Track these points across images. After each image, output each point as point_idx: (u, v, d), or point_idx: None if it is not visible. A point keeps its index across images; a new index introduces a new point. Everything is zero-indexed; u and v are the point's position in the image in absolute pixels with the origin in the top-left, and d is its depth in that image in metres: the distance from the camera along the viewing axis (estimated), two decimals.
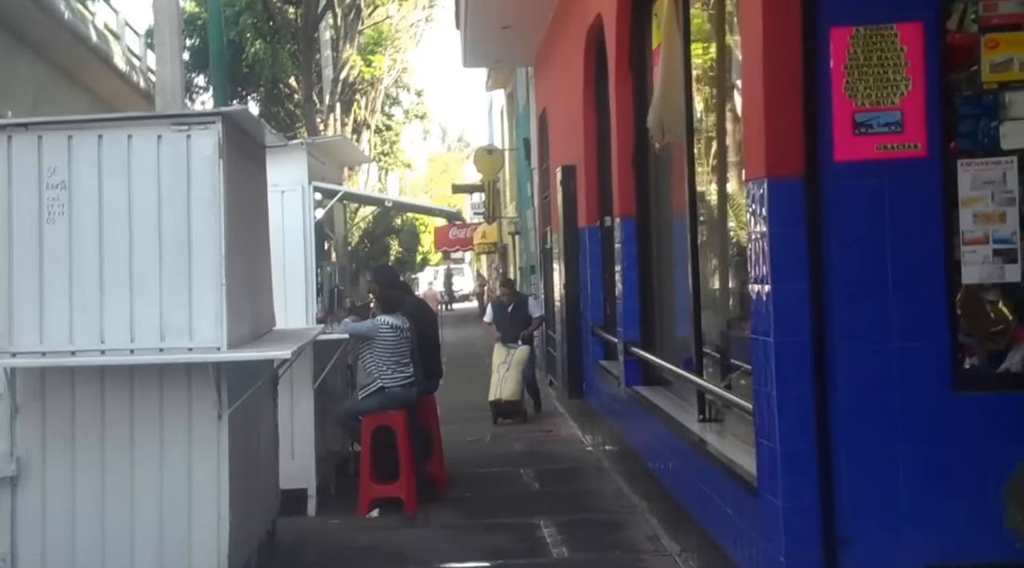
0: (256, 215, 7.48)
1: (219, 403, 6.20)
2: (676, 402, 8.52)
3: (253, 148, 7.36)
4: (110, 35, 20.39)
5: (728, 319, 7.63)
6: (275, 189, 9.19)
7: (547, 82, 16.59)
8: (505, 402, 14.31)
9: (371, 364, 9.34)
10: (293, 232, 9.41)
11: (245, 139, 6.99)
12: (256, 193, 7.49)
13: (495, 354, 14.70)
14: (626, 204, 9.92)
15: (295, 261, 9.40)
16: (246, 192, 7.00)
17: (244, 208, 6.92)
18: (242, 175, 6.83)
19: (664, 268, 9.54)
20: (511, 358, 14.45)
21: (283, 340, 7.24)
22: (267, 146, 7.87)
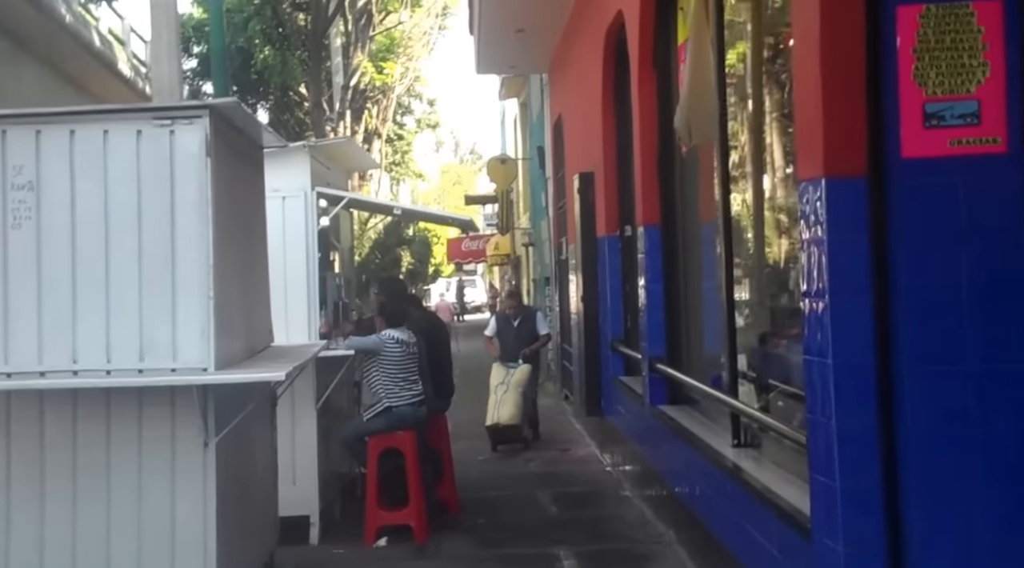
0: (252, 222, 6.86)
1: (205, 430, 5.57)
2: (705, 424, 7.95)
3: (249, 148, 6.75)
4: (115, 41, 19.83)
5: (761, 334, 7.02)
6: (275, 195, 8.60)
7: (563, 87, 15.99)
8: (503, 427, 12.97)
9: (377, 382, 8.71)
10: (295, 241, 8.79)
11: (239, 138, 6.38)
12: (252, 198, 6.88)
13: (493, 374, 13.43)
14: (650, 212, 9.29)
15: (297, 272, 8.79)
16: (240, 196, 6.39)
17: (237, 213, 6.30)
18: (235, 177, 6.22)
19: (691, 279, 8.93)
20: (510, 379, 13.22)
21: (280, 358, 6.62)
22: (265, 148, 7.25)
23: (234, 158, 6.19)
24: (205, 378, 5.50)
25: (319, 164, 9.27)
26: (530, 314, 14.02)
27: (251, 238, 6.79)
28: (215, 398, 5.63)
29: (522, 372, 13.24)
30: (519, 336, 13.46)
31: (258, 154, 7.04)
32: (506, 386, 13.06)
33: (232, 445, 5.89)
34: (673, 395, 8.93)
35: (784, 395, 6.66)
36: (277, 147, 7.24)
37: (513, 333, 13.50)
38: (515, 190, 26.32)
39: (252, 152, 6.84)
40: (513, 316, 13.66)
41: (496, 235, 31.05)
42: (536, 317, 13.99)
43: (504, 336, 13.56)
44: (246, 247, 6.58)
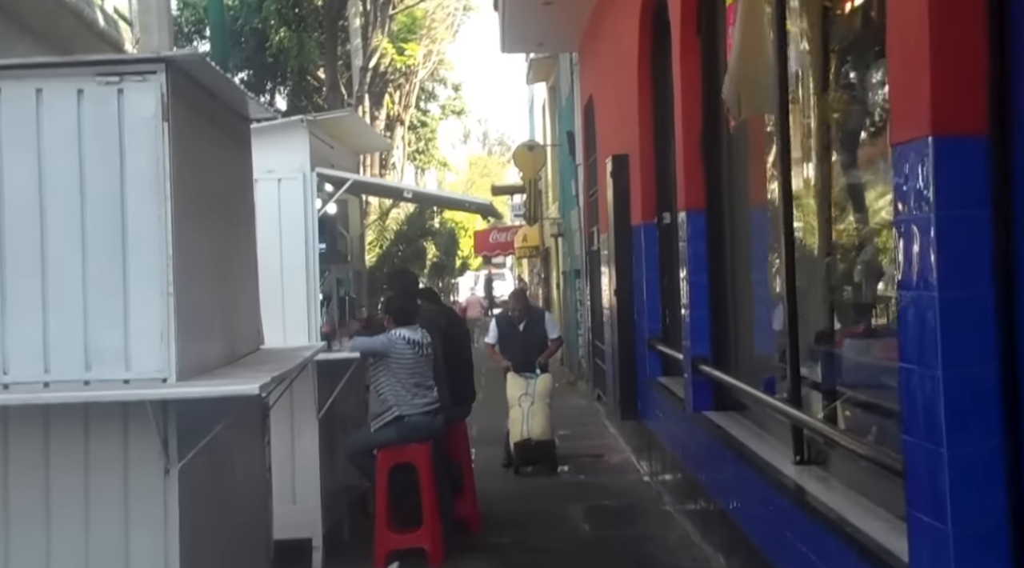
0: (233, 204, 5.91)
1: (165, 453, 4.61)
2: (757, 433, 7.05)
3: (227, 118, 5.78)
4: (120, 20, 18.88)
5: (824, 332, 6.06)
6: (270, 176, 7.68)
7: (594, 65, 15.01)
8: (536, 443, 11.18)
9: (386, 388, 7.74)
10: (292, 229, 7.82)
11: (212, 104, 5.41)
12: (234, 176, 5.94)
13: (509, 385, 11.48)
14: (693, 195, 8.31)
15: (295, 264, 7.82)
16: (215, 173, 5.44)
17: (211, 193, 5.35)
18: (208, 149, 5.27)
19: (739, 270, 7.99)
20: (533, 389, 11.34)
21: (267, 364, 5.66)
22: (253, 120, 6.29)
23: (205, 126, 5.23)
24: (163, 391, 4.55)
25: (320, 142, 8.30)
26: (537, 316, 12.22)
27: (232, 223, 5.84)
28: (178, 415, 4.66)
29: (545, 382, 11.51)
30: (527, 342, 11.68)
31: (242, 127, 6.07)
32: (531, 397, 11.28)
33: (203, 468, 4.93)
34: (719, 400, 8.03)
35: (854, 404, 5.75)
36: (266, 119, 6.25)
37: (519, 339, 11.69)
38: (543, 179, 25.38)
39: (233, 123, 5.87)
40: (518, 319, 11.79)
41: (524, 226, 30.11)
42: (545, 319, 12.27)
43: (510, 343, 11.74)
44: (225, 234, 5.63)
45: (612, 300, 12.10)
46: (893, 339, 4.05)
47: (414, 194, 8.79)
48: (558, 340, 12.37)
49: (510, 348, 11.68)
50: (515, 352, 11.62)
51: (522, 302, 12.30)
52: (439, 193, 11.53)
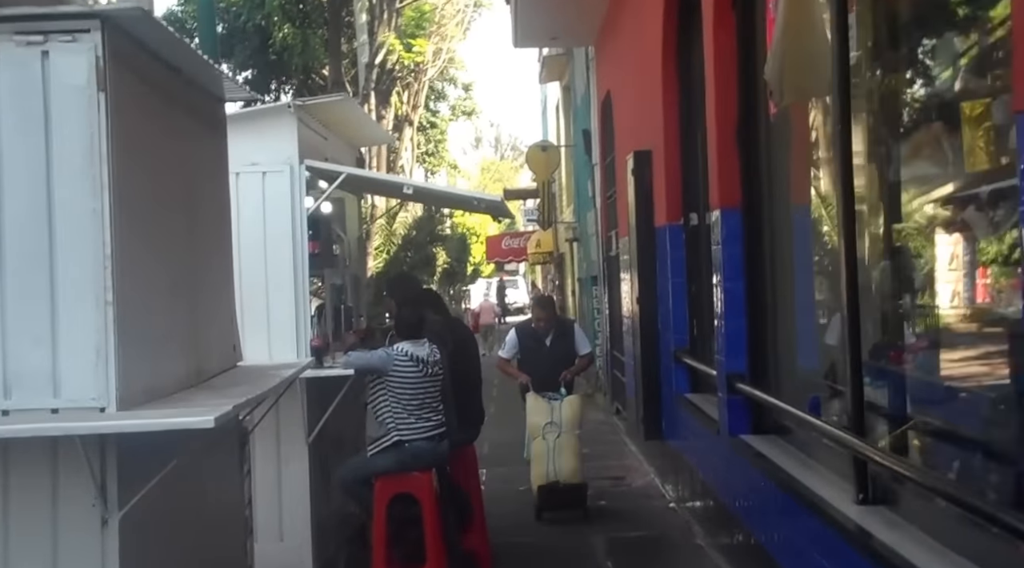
0: (202, 199, 5.05)
1: (102, 500, 3.73)
2: (801, 461, 6.21)
3: (195, 98, 4.93)
4: None
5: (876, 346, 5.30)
6: (253, 169, 6.85)
7: (612, 58, 14.17)
8: (565, 487, 9.29)
9: (385, 409, 6.86)
10: (278, 229, 6.97)
11: (172, 79, 4.55)
12: (203, 167, 5.08)
13: (530, 409, 9.51)
14: (728, 192, 7.45)
15: (281, 269, 6.96)
16: (177, 161, 4.59)
17: (172, 184, 4.51)
18: (165, 132, 4.41)
19: (780, 276, 7.13)
20: (560, 416, 9.35)
21: (239, 385, 4.80)
22: (229, 100, 5.43)
23: (161, 104, 4.37)
24: (98, 425, 3.68)
25: (311, 132, 7.45)
26: (566, 328, 10.26)
27: (200, 221, 4.98)
28: (119, 452, 3.79)
29: (572, 406, 9.48)
30: (554, 359, 9.78)
31: (214, 109, 5.21)
32: (557, 427, 9.30)
33: (154, 515, 4.06)
34: (758, 422, 7.16)
35: (924, 432, 4.95)
36: (245, 99, 5.41)
37: (545, 355, 9.81)
38: (557, 181, 24.59)
39: (202, 104, 5.01)
40: (543, 332, 9.92)
41: (537, 231, 29.30)
42: (575, 332, 10.29)
43: (533, 359, 9.88)
44: (189, 233, 4.77)
45: (633, 308, 11.22)
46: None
47: (415, 190, 7.87)
48: (588, 357, 10.40)
49: (532, 366, 9.83)
50: (540, 369, 9.74)
51: (549, 311, 10.29)
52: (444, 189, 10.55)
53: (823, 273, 6.44)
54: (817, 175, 6.51)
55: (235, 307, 5.58)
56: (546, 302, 10.81)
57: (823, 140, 6.38)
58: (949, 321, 4.69)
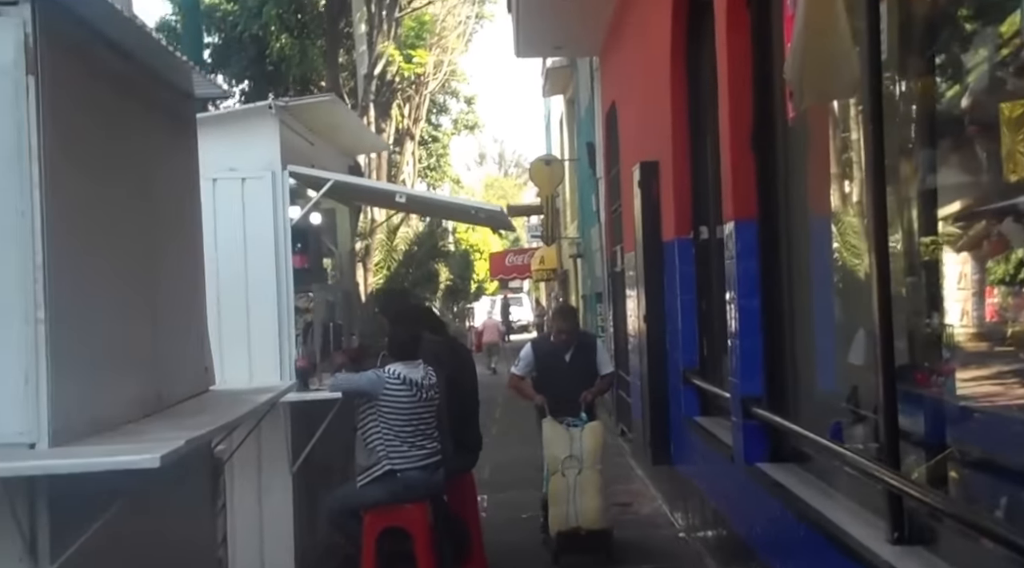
0: (166, 205, 4.57)
1: (31, 554, 3.23)
2: (824, 492, 5.73)
3: (157, 92, 4.44)
4: None
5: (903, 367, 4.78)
6: (232, 176, 6.36)
7: (618, 67, 13.75)
8: (587, 533, 8.21)
9: (375, 436, 6.37)
10: (259, 240, 6.50)
11: (126, 68, 4.06)
12: (168, 169, 4.59)
13: (547, 439, 8.42)
14: (743, 202, 6.96)
15: (263, 284, 6.47)
16: (133, 161, 4.09)
17: (126, 187, 4.01)
18: (117, 127, 3.92)
19: (799, 292, 6.63)
20: (581, 447, 8.24)
21: (206, 413, 4.31)
22: (200, 97, 4.97)
23: (111, 95, 3.88)
24: (26, 465, 3.17)
25: (297, 136, 6.97)
26: (587, 343, 9.21)
27: (163, 230, 4.50)
28: (51, 496, 3.29)
29: (595, 435, 8.39)
30: (574, 377, 8.74)
31: (181, 106, 4.74)
32: (578, 461, 8.18)
33: (98, 566, 3.54)
34: (775, 449, 6.65)
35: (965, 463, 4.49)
36: (216, 96, 4.94)
37: (565, 372, 8.76)
38: (561, 197, 24.14)
39: (164, 97, 4.54)
40: (563, 346, 8.85)
41: (541, 248, 28.83)
42: (597, 348, 9.21)
43: (551, 377, 8.80)
44: (149, 242, 4.28)
45: (640, 327, 10.73)
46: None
47: (409, 199, 7.36)
48: (610, 377, 9.40)
49: (551, 383, 8.78)
50: (559, 389, 8.67)
51: (572, 323, 9.22)
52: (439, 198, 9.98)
53: (846, 289, 5.97)
54: (840, 184, 6.05)
55: (207, 325, 5.08)
56: (568, 313, 9.68)
57: (847, 146, 5.93)
58: (988, 340, 4.29)
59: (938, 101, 4.74)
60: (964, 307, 4.45)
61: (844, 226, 5.92)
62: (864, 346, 4.93)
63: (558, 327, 9.05)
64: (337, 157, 8.31)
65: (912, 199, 4.89)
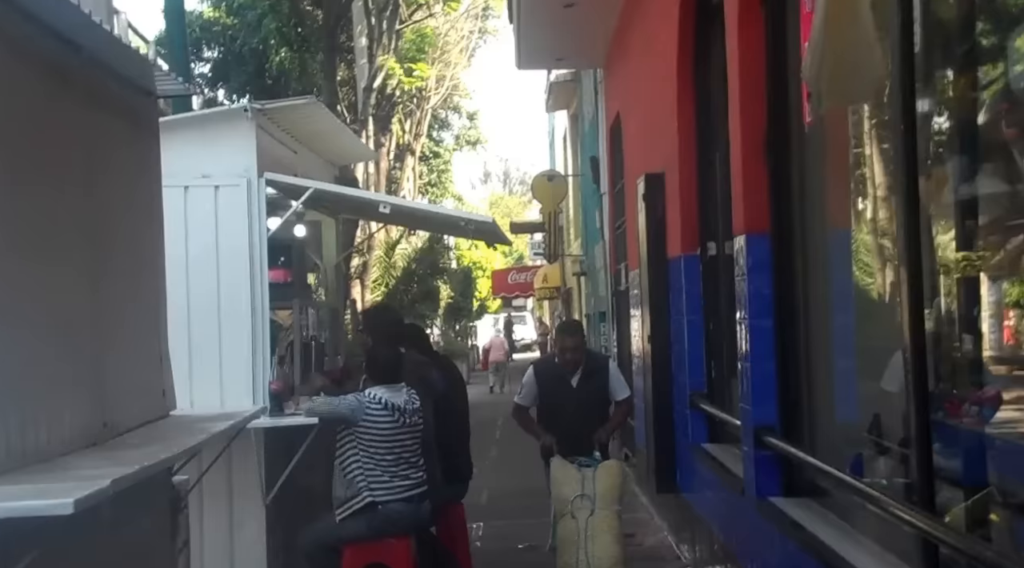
0: (114, 212, 4.08)
1: None
2: (845, 531, 5.28)
3: (108, 86, 3.98)
4: None
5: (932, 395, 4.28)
6: (204, 183, 5.91)
7: (622, 77, 13.32)
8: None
9: (355, 466, 5.89)
10: (233, 252, 6.04)
11: (65, 56, 3.58)
12: (119, 173, 4.10)
13: (555, 477, 7.29)
14: (755, 215, 6.47)
15: (236, 299, 6.03)
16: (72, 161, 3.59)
17: (60, 189, 3.51)
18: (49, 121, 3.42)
19: (816, 312, 6.13)
20: (593, 487, 7.13)
21: (156, 442, 3.82)
22: (162, 96, 4.49)
23: (44, 85, 3.40)
24: None
25: (277, 143, 6.54)
26: (598, 365, 8.07)
27: (110, 241, 4.00)
28: None
29: (610, 475, 7.31)
30: (583, 405, 7.67)
31: (139, 102, 4.27)
32: (590, 502, 7.08)
33: None
34: (790, 482, 6.16)
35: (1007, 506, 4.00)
36: (179, 95, 4.47)
37: (572, 400, 7.66)
38: (565, 213, 23.69)
39: (118, 93, 4.06)
40: (570, 369, 7.76)
41: (544, 266, 28.41)
42: (609, 370, 8.13)
43: (556, 406, 7.72)
44: (92, 255, 3.78)
45: (644, 348, 10.24)
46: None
47: (393, 209, 6.88)
48: (627, 404, 8.16)
49: (556, 414, 7.69)
50: (566, 421, 7.59)
51: (578, 341, 7.95)
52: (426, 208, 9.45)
53: (868, 308, 5.49)
54: (862, 194, 5.58)
55: (166, 345, 4.60)
56: (574, 329, 8.36)
57: (870, 153, 5.48)
58: None
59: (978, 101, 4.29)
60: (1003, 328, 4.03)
61: (866, 241, 5.48)
62: (901, 371, 4.43)
63: (562, 346, 7.89)
64: (323, 167, 7.85)
65: (945, 210, 4.44)
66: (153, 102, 4.53)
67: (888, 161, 5.13)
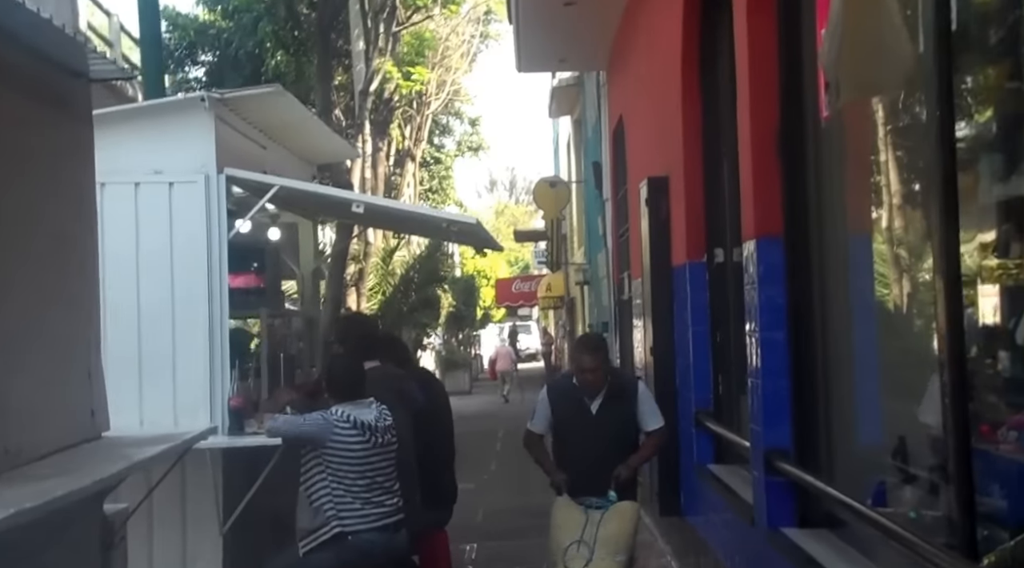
0: (27, 209, 3.53)
1: None
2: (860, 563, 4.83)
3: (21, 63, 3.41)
4: (100, 41, 16.84)
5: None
6: (157, 180, 5.37)
7: (625, 77, 12.88)
8: None
9: (322, 492, 5.32)
10: (189, 255, 5.49)
11: None
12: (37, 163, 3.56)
13: (555, 523, 6.16)
14: (767, 217, 5.92)
15: (192, 307, 5.47)
16: None
17: None
18: None
19: (834, 324, 5.60)
20: (596, 533, 5.97)
21: (72, 472, 3.26)
22: (93, 79, 3.95)
23: None
24: None
25: (240, 137, 6.00)
26: (623, 387, 6.60)
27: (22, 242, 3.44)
28: None
29: (622, 518, 6.13)
30: (604, 437, 6.33)
31: (64, 84, 3.72)
32: (588, 550, 5.93)
33: None
34: (805, 512, 5.62)
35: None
36: (114, 78, 3.93)
37: (591, 429, 6.35)
38: (568, 221, 23.19)
39: (34, 72, 3.50)
40: (590, 392, 6.38)
41: (548, 274, 27.94)
42: (639, 394, 6.63)
43: (571, 435, 6.45)
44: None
45: (647, 360, 9.75)
46: None
47: (367, 209, 6.32)
48: (659, 434, 6.68)
49: (570, 445, 6.45)
50: (579, 454, 6.34)
51: (599, 359, 6.42)
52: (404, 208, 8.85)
53: (892, 321, 4.98)
54: (885, 195, 5.05)
55: (98, 359, 4.05)
56: (595, 345, 6.64)
57: (895, 149, 4.95)
58: None
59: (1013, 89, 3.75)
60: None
61: (889, 246, 4.96)
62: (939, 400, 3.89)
63: (582, 365, 6.38)
64: (298, 165, 7.29)
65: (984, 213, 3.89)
66: (84, 85, 3.99)
67: (915, 159, 4.64)
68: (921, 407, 4.25)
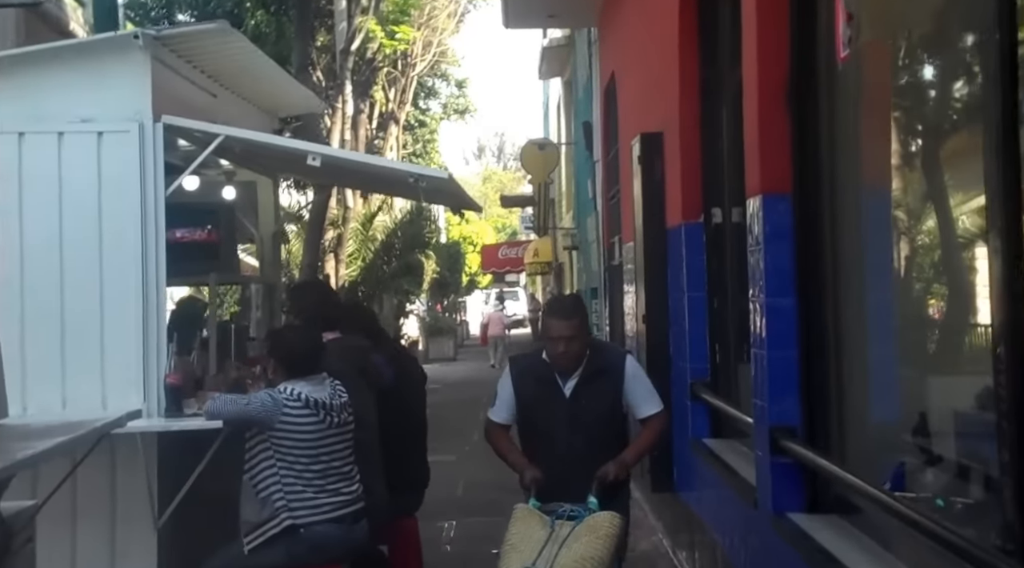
0: None
1: None
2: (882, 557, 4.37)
3: None
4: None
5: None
6: (84, 129, 4.84)
7: (618, 31, 12.39)
8: None
9: (270, 481, 4.75)
10: (120, 213, 4.89)
11: None
12: None
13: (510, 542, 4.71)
14: (774, 172, 5.37)
15: (124, 274, 4.87)
16: None
17: None
18: None
19: (848, 289, 5.11)
20: (554, 554, 4.55)
21: None
22: None
23: None
24: None
25: (183, 81, 5.37)
26: (608, 363, 5.40)
27: None
28: None
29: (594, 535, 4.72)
30: (582, 426, 5.22)
31: None
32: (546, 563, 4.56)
33: None
34: (814, 496, 5.15)
35: None
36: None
37: (565, 417, 5.22)
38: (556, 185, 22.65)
39: None
40: (564, 371, 5.26)
41: (535, 240, 27.49)
42: (626, 372, 5.41)
43: (541, 424, 5.28)
44: None
45: (639, 328, 9.30)
46: None
47: (324, 162, 5.66)
48: (657, 421, 5.50)
49: (540, 437, 5.30)
50: (550, 449, 5.20)
51: (574, 327, 5.23)
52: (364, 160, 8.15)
53: (912, 285, 4.55)
54: (909, 146, 4.59)
55: None
56: (568, 309, 5.34)
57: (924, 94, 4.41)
58: None
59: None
60: None
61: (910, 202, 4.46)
62: None
63: (549, 334, 5.24)
64: (256, 116, 6.64)
65: None
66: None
67: (954, 101, 4.07)
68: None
